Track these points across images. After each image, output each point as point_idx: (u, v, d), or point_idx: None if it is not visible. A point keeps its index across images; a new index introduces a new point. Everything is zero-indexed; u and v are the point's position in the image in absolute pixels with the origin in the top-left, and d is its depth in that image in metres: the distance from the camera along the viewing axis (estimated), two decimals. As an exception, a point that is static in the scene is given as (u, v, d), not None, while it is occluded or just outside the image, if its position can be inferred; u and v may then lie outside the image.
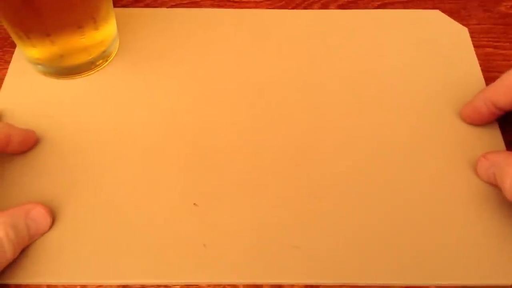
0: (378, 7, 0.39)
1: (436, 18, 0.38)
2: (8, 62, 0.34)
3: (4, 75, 0.34)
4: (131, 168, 0.29)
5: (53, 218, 0.27)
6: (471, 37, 0.37)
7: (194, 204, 0.28)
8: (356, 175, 0.29)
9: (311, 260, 0.26)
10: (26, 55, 0.33)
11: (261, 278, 0.26)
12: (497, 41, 0.37)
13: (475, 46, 0.36)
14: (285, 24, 0.37)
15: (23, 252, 0.26)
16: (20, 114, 0.32)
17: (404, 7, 0.39)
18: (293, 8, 0.39)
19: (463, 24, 0.37)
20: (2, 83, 0.33)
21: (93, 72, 0.34)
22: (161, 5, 0.39)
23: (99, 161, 0.30)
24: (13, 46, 0.36)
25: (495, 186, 0.28)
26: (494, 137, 0.31)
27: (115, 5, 0.37)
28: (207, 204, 0.28)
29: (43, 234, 0.26)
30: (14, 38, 0.31)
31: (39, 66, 0.33)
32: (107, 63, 0.34)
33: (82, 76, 0.33)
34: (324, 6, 0.39)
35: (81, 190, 0.28)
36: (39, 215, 0.26)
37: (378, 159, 0.30)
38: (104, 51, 0.33)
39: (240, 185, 0.29)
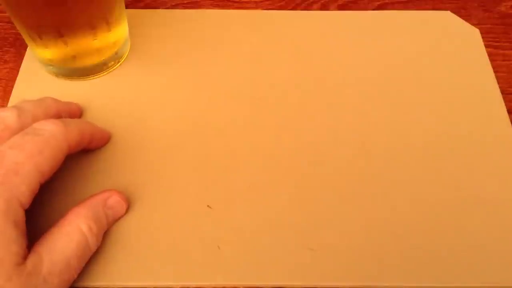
0: (378, 7, 0.39)
1: (447, 19, 0.38)
2: (8, 62, 0.34)
3: (4, 74, 0.34)
4: (142, 169, 0.29)
5: (128, 203, 0.27)
6: (471, 37, 0.36)
7: (207, 206, 0.28)
8: (371, 178, 0.29)
9: (326, 263, 0.26)
10: (38, 56, 0.32)
11: (275, 280, 0.26)
12: (497, 41, 0.37)
13: (475, 46, 0.36)
14: (295, 25, 0.37)
15: None
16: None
17: (404, 7, 0.39)
18: (292, 8, 0.39)
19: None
20: (2, 83, 0.33)
21: (104, 73, 0.33)
22: (161, 5, 0.39)
23: (111, 162, 0.29)
24: (13, 46, 0.35)
25: None
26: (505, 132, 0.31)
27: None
28: (221, 206, 0.28)
29: (119, 219, 0.27)
30: (26, 39, 0.31)
31: (51, 67, 0.33)
32: (118, 64, 0.34)
33: (94, 77, 0.33)
34: (324, 6, 0.39)
35: (88, 193, 0.28)
36: (116, 203, 0.27)
37: (394, 161, 0.30)
38: (116, 53, 0.33)
39: (254, 187, 0.29)
